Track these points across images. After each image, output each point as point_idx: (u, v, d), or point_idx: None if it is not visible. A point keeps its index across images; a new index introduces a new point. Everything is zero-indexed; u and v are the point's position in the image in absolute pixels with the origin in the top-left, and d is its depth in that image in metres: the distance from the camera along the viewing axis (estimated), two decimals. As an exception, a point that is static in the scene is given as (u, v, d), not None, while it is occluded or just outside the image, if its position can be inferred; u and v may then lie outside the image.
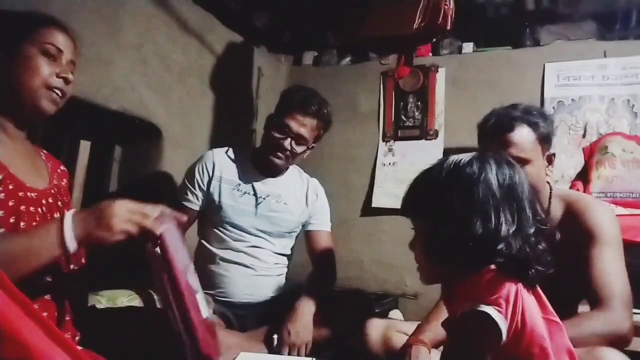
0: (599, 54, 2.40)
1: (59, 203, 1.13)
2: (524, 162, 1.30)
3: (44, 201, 1.08)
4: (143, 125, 1.97)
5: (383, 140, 2.74)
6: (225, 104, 2.36)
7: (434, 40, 2.28)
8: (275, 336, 1.55)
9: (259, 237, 1.80)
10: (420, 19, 1.75)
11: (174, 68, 2.08)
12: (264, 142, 1.83)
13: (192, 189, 1.78)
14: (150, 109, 1.97)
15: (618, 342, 1.15)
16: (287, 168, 1.88)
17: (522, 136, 1.32)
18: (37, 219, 1.04)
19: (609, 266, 1.22)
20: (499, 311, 0.81)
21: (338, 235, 2.11)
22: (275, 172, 1.84)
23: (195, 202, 1.78)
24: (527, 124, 1.33)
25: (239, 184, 1.79)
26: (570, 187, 2.31)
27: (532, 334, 0.84)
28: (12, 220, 0.99)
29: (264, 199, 1.80)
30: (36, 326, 0.68)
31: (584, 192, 2.23)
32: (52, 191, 1.13)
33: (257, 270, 1.78)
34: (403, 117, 2.72)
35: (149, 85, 1.95)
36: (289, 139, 1.73)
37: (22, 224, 1.00)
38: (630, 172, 2.20)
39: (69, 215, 0.94)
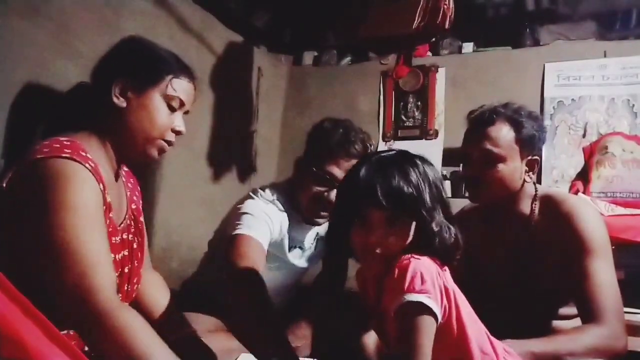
0: (599, 54, 2.40)
1: (130, 237, 1.12)
2: (497, 158, 1.29)
3: (123, 236, 1.07)
4: (143, 125, 1.96)
5: (383, 140, 2.73)
6: (225, 104, 2.35)
7: (433, 39, 2.28)
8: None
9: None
10: (419, 19, 1.75)
11: (174, 68, 2.08)
12: (303, 196, 1.52)
13: (264, 229, 1.44)
14: (150, 109, 1.96)
15: (614, 356, 1.15)
16: None
17: (500, 132, 1.31)
18: (114, 265, 1.02)
19: (602, 279, 1.20)
20: (429, 297, 0.85)
21: (338, 235, 2.11)
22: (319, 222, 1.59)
23: (265, 240, 1.43)
24: (509, 122, 1.32)
25: (290, 238, 1.57)
26: (570, 187, 2.31)
27: (459, 310, 0.91)
28: None
29: (309, 248, 1.67)
30: (36, 327, 0.68)
31: (584, 192, 2.22)
32: (128, 222, 1.12)
33: None
34: (403, 117, 2.72)
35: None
36: (335, 191, 1.37)
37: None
38: (630, 172, 2.19)
39: None
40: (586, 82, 2.41)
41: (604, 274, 1.20)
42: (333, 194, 1.41)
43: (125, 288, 1.09)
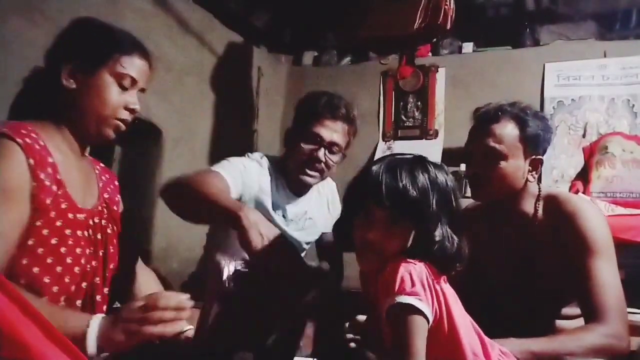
0: (599, 54, 2.40)
1: (103, 222, 1.11)
2: (500, 155, 1.29)
3: (90, 222, 1.07)
4: (143, 125, 1.96)
5: (383, 140, 2.73)
6: (225, 103, 2.36)
7: (435, 40, 2.28)
8: None
9: None
10: (420, 19, 1.75)
11: (174, 68, 2.08)
12: (292, 159, 1.59)
13: (240, 175, 1.47)
14: (150, 109, 1.96)
15: (617, 356, 1.14)
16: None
17: (504, 129, 1.30)
18: (82, 243, 1.02)
19: (605, 279, 1.20)
20: (419, 299, 0.84)
21: (338, 235, 2.11)
22: (305, 190, 1.65)
23: (237, 183, 1.44)
24: (515, 120, 1.31)
25: (273, 203, 1.59)
26: (570, 187, 2.31)
27: (451, 312, 0.89)
28: (53, 241, 0.97)
29: (292, 220, 1.66)
30: (36, 327, 0.68)
31: (584, 192, 2.22)
32: (99, 208, 1.11)
33: None
34: (403, 117, 2.73)
35: (149, 85, 1.94)
36: (322, 149, 1.52)
37: (63, 249, 0.98)
38: (630, 172, 2.19)
39: (95, 321, 0.88)
40: (586, 82, 2.41)
41: (607, 274, 1.20)
42: (321, 152, 1.52)
43: (104, 273, 1.09)
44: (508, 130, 1.31)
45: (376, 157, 2.70)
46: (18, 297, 0.68)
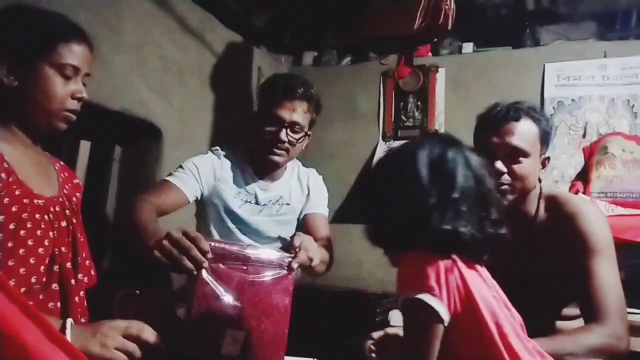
0: (599, 54, 2.40)
1: (67, 212, 1.11)
2: (523, 153, 1.29)
3: (51, 209, 1.06)
4: (143, 125, 1.96)
5: (383, 140, 2.73)
6: (225, 104, 2.36)
7: (435, 40, 2.28)
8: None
9: (263, 239, 1.73)
10: (420, 19, 1.75)
11: (174, 68, 2.08)
12: (258, 142, 1.69)
13: (190, 173, 1.62)
14: (150, 109, 1.96)
15: (616, 356, 1.14)
16: (286, 166, 1.79)
17: (527, 127, 1.31)
18: (43, 226, 1.02)
19: (606, 279, 1.20)
20: (432, 295, 0.81)
21: (337, 235, 2.11)
22: (274, 173, 1.75)
23: (186, 184, 1.59)
24: (532, 119, 1.33)
25: (239, 192, 1.69)
26: (570, 187, 2.31)
27: (477, 307, 0.84)
28: (11, 226, 0.96)
29: (265, 205, 1.73)
30: (36, 327, 0.68)
31: (584, 192, 2.22)
32: (61, 199, 1.10)
33: None
34: (403, 117, 2.72)
35: (149, 85, 1.94)
36: (284, 129, 1.62)
37: (22, 232, 0.98)
38: (630, 172, 2.19)
39: (68, 325, 0.89)
40: (586, 82, 2.40)
41: (607, 274, 1.20)
42: (283, 133, 1.62)
43: (74, 260, 1.09)
44: (529, 128, 1.32)
45: (376, 157, 2.71)
46: (18, 297, 0.68)
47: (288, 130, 1.63)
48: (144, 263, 1.17)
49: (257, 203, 1.71)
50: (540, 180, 1.37)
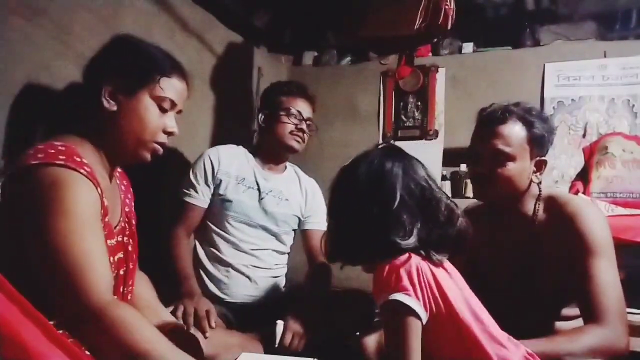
0: (599, 54, 2.40)
1: (125, 239, 1.11)
2: (507, 157, 1.29)
3: (115, 241, 1.06)
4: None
5: (383, 140, 2.73)
6: (225, 104, 2.35)
7: (435, 40, 2.28)
8: (279, 322, 1.55)
9: (261, 235, 1.80)
10: (420, 19, 1.75)
11: (174, 68, 2.08)
12: (275, 133, 1.85)
13: (198, 185, 1.78)
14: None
15: (615, 356, 1.14)
16: (286, 165, 1.96)
17: (512, 131, 1.30)
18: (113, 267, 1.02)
19: (605, 279, 1.20)
20: (407, 295, 0.84)
21: (338, 236, 2.11)
22: (277, 166, 1.91)
23: (201, 199, 1.77)
24: (521, 121, 1.31)
25: (243, 179, 1.81)
26: (570, 187, 2.32)
27: (451, 303, 0.88)
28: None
29: (267, 194, 1.82)
30: (36, 327, 0.68)
31: (584, 192, 2.22)
32: (122, 225, 1.11)
33: (257, 271, 1.78)
34: (403, 117, 2.73)
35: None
36: (304, 122, 1.86)
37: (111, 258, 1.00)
38: (630, 172, 2.19)
39: None
40: (586, 82, 2.41)
41: (606, 275, 1.20)
42: (304, 125, 1.86)
43: (121, 290, 1.09)
44: (516, 131, 1.31)
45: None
46: (18, 298, 0.68)
47: (307, 123, 1.88)
48: None
49: (258, 190, 1.82)
50: (539, 182, 1.37)
